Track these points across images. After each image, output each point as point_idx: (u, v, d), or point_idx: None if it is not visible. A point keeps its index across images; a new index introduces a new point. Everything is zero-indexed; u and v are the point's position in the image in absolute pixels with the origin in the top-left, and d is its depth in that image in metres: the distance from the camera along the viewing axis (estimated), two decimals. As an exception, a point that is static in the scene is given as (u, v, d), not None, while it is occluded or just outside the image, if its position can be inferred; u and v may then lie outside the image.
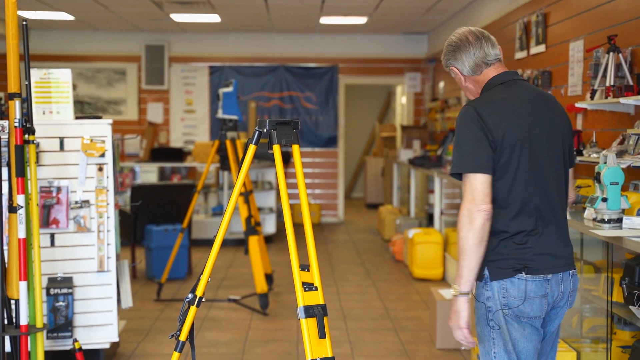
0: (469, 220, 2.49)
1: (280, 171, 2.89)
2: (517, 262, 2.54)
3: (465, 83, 2.74)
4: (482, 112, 2.54)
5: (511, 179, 2.55)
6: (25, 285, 3.73)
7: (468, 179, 2.51)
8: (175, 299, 6.66)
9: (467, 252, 2.51)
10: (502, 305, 2.56)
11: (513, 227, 2.55)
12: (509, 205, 2.55)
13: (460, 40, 2.70)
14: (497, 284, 2.56)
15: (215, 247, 2.88)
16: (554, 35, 6.01)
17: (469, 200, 2.50)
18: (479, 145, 2.51)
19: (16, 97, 3.68)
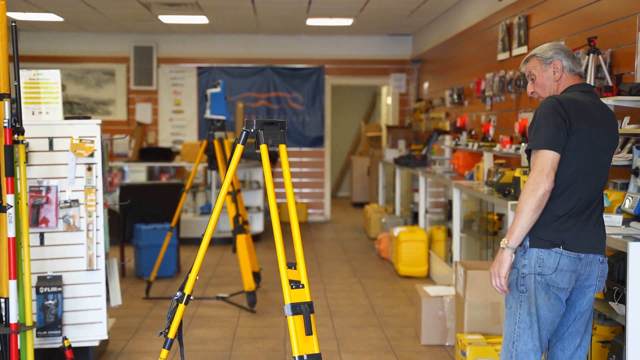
0: (532, 188, 2.81)
1: (267, 171, 2.89)
2: (557, 237, 2.86)
3: (555, 78, 3.05)
4: (564, 104, 2.88)
5: (571, 164, 2.88)
6: (15, 283, 3.71)
7: (540, 153, 2.83)
8: (164, 297, 6.64)
9: (524, 214, 2.82)
10: (535, 273, 2.87)
11: (561, 207, 2.87)
12: (562, 187, 2.87)
13: (564, 47, 3.11)
14: (535, 252, 2.87)
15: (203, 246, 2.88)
16: (535, 36, 6.04)
17: (537, 171, 2.81)
18: (557, 129, 2.83)
19: (5, 98, 3.66)
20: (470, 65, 8.19)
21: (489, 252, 6.07)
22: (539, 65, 3.10)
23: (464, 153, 7.49)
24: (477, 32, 7.89)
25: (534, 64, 3.12)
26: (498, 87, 6.74)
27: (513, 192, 5.06)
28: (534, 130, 2.90)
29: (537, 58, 3.10)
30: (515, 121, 6.26)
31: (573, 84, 3.08)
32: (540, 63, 3.10)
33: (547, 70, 3.08)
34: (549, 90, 3.09)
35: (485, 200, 6.03)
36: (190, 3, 8.71)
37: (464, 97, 8.34)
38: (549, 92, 3.09)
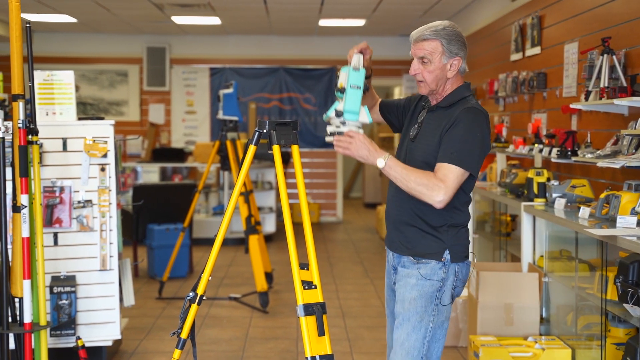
0: (429, 192, 2.66)
1: (279, 171, 2.89)
2: (466, 249, 2.85)
3: (447, 75, 2.81)
4: (487, 122, 2.79)
5: (474, 181, 2.84)
6: (29, 283, 3.73)
7: (460, 172, 2.70)
8: (177, 297, 6.66)
9: (407, 181, 2.68)
10: (453, 286, 2.82)
11: (466, 216, 2.85)
12: (467, 199, 2.84)
13: (464, 38, 2.87)
14: (454, 266, 2.80)
15: (216, 246, 2.88)
16: (549, 37, 6.02)
17: (449, 187, 2.67)
18: (482, 150, 2.75)
19: (20, 99, 3.68)
20: (483, 65, 8.16)
21: (501, 254, 6.05)
22: (440, 53, 2.79)
23: (476, 154, 7.45)
24: (490, 33, 7.86)
25: (435, 48, 2.79)
26: (511, 88, 6.71)
27: (526, 193, 5.04)
28: (462, 142, 2.70)
29: (442, 45, 2.78)
30: (528, 122, 6.24)
31: (460, 85, 2.86)
32: (442, 52, 2.79)
33: (445, 62, 2.80)
34: (435, 84, 2.82)
35: (498, 201, 6.01)
36: (203, 4, 8.73)
37: (476, 97, 8.31)
38: (434, 86, 2.83)
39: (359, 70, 2.80)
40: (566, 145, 4.96)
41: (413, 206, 2.80)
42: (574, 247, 4.38)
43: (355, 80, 2.79)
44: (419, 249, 2.81)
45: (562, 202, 4.62)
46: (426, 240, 2.80)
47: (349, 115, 2.78)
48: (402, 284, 2.84)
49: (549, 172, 5.04)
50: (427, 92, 2.87)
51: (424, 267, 2.80)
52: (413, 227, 2.82)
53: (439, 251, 2.79)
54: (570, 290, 4.40)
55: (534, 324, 4.61)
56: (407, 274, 2.83)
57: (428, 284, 2.79)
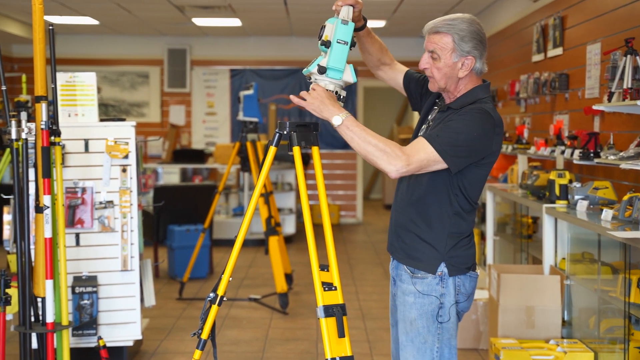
0: (387, 158, 2.50)
1: (300, 173, 2.89)
2: (470, 259, 2.69)
3: (459, 74, 2.63)
4: (496, 129, 2.59)
5: (482, 187, 2.70)
6: (52, 283, 3.76)
7: (432, 155, 2.51)
8: (197, 297, 6.69)
9: (367, 139, 2.55)
10: (454, 301, 2.66)
11: (469, 228, 2.70)
12: (471, 205, 2.68)
13: (484, 37, 2.65)
14: (453, 280, 2.65)
15: (236, 247, 2.89)
16: (571, 38, 5.97)
17: (411, 162, 2.50)
18: (471, 150, 2.56)
19: (43, 100, 3.71)
20: (504, 66, 8.11)
21: (522, 256, 6.01)
22: (451, 50, 2.60)
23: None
24: (511, 34, 7.81)
25: (446, 44, 2.60)
26: (532, 89, 6.67)
27: (548, 195, 5.00)
28: (453, 132, 2.53)
29: (453, 41, 2.59)
30: (550, 123, 6.19)
31: (477, 86, 2.66)
32: (453, 49, 2.60)
33: (456, 61, 2.61)
34: (445, 82, 2.63)
35: (520, 203, 5.97)
36: (224, 6, 8.77)
37: (497, 99, 8.27)
38: (443, 84, 2.64)
39: (347, 24, 2.63)
40: (588, 146, 4.91)
41: (414, 211, 2.67)
42: (597, 249, 4.34)
43: (342, 34, 2.62)
44: (414, 255, 2.66)
45: (585, 204, 4.58)
46: (422, 247, 2.65)
47: (332, 72, 2.63)
48: (401, 302, 2.71)
49: (571, 174, 5.00)
50: (436, 89, 2.69)
51: (420, 282, 2.65)
52: (411, 232, 2.68)
53: (433, 263, 2.63)
54: (593, 293, 4.36)
55: (555, 327, 4.57)
56: (404, 290, 2.69)
57: (426, 301, 2.64)
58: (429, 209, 2.65)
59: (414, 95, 2.91)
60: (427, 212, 2.65)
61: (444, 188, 2.63)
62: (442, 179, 2.63)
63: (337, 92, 2.70)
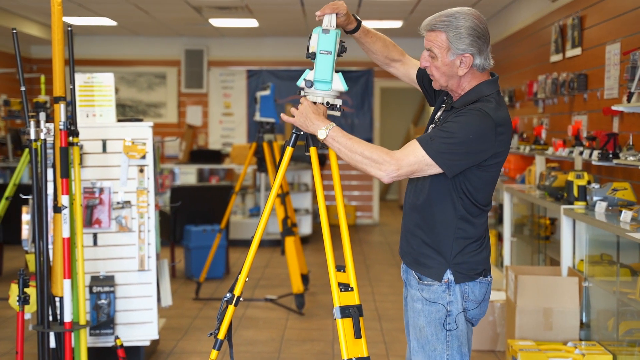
0: (377, 165, 2.48)
1: (316, 173, 2.88)
2: (479, 264, 2.60)
3: (459, 72, 2.55)
4: (498, 129, 2.49)
5: (491, 190, 2.62)
6: (69, 283, 3.79)
7: (424, 159, 2.46)
8: (214, 297, 6.71)
9: (354, 148, 2.53)
10: (463, 308, 2.59)
11: (478, 232, 2.61)
12: (482, 214, 2.61)
13: (483, 32, 2.53)
14: (460, 287, 2.58)
15: (252, 248, 2.89)
16: (590, 38, 5.93)
17: (401, 165, 2.46)
18: (467, 153, 2.48)
19: (61, 101, 3.74)
20: (521, 67, 8.07)
21: (540, 257, 5.98)
22: (446, 48, 2.52)
23: (515, 156, 7.38)
24: (529, 34, 7.77)
25: (441, 42, 2.53)
26: (551, 90, 6.63)
27: (566, 196, 4.97)
28: (449, 136, 2.46)
29: (447, 39, 2.51)
30: (568, 124, 6.15)
31: (482, 82, 2.57)
32: (448, 47, 2.52)
33: (453, 59, 2.53)
34: (446, 81, 2.57)
35: (537, 204, 5.94)
36: (241, 6, 8.79)
37: (515, 99, 8.22)
38: (444, 82, 2.58)
39: (329, 33, 2.57)
40: (607, 147, 4.87)
41: (419, 215, 2.62)
42: (615, 251, 4.31)
43: (325, 44, 2.57)
44: (420, 260, 2.62)
45: (603, 206, 4.55)
46: (427, 252, 2.60)
47: (320, 85, 2.61)
48: (410, 308, 2.68)
49: (590, 175, 4.97)
50: (438, 87, 2.64)
51: (426, 289, 2.60)
52: (417, 237, 2.63)
53: (438, 269, 2.57)
54: (612, 295, 4.33)
55: (573, 329, 4.54)
56: (412, 296, 2.65)
57: (434, 309, 2.59)
58: (434, 213, 2.59)
59: (428, 91, 2.85)
60: (431, 216, 2.59)
61: (447, 192, 2.56)
62: (445, 182, 2.55)
63: (329, 103, 2.68)
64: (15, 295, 3.82)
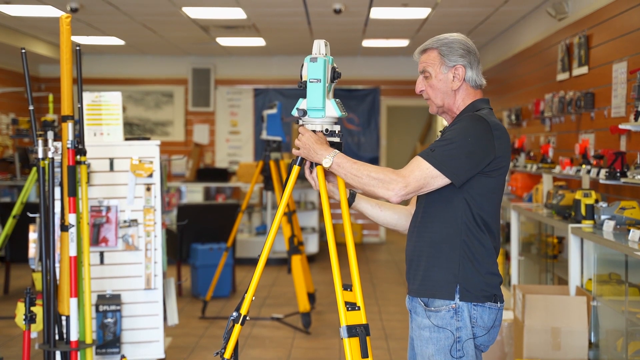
0: (384, 185, 2.47)
1: (323, 191, 2.88)
2: (490, 287, 2.57)
3: (453, 87, 2.61)
4: (495, 132, 2.52)
5: (496, 204, 2.59)
6: (76, 302, 3.79)
7: (429, 171, 2.48)
8: (220, 316, 6.69)
9: (360, 171, 2.52)
10: (471, 335, 2.56)
11: (487, 251, 2.57)
12: (488, 230, 2.56)
13: (472, 48, 2.65)
14: (467, 309, 2.55)
15: (259, 266, 2.89)
16: (596, 56, 5.94)
17: (409, 183, 2.46)
18: (469, 157, 2.49)
19: (69, 120, 3.76)
20: (528, 85, 8.08)
21: (548, 276, 5.95)
22: (439, 64, 2.61)
23: (522, 175, 7.37)
24: (535, 52, 7.79)
25: (433, 59, 2.62)
26: (557, 108, 6.63)
27: (574, 215, 4.96)
28: (448, 145, 2.48)
29: (439, 54, 2.61)
30: (575, 142, 6.15)
31: (477, 99, 2.63)
32: (441, 62, 2.61)
33: (446, 73, 2.61)
34: (442, 99, 2.62)
35: (545, 223, 5.92)
36: (248, 26, 8.84)
37: (522, 118, 8.23)
38: (440, 101, 2.63)
39: (317, 61, 2.58)
40: (615, 166, 4.87)
41: (423, 235, 2.62)
42: (624, 270, 4.28)
43: (314, 72, 2.58)
44: (427, 283, 2.59)
45: (611, 225, 4.53)
46: (434, 270, 2.57)
47: (313, 112, 2.62)
48: (417, 336, 2.64)
49: (597, 194, 4.96)
50: (435, 110, 2.67)
51: (434, 315, 2.57)
52: (422, 257, 2.61)
53: (447, 287, 2.54)
54: (620, 314, 4.30)
55: (582, 349, 4.51)
56: (419, 324, 2.62)
57: (442, 336, 2.56)
58: (438, 230, 2.58)
59: None
60: (436, 234, 2.58)
61: (450, 206, 2.55)
62: (448, 195, 2.55)
63: (328, 129, 2.69)
64: (21, 313, 3.82)
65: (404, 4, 7.57)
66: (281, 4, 7.67)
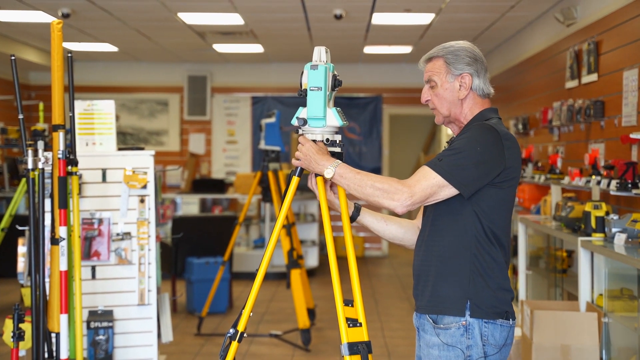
0: (389, 195, 2.47)
1: (323, 203, 2.88)
2: (502, 304, 2.57)
3: (459, 96, 2.62)
4: (505, 142, 2.52)
5: (507, 217, 2.58)
6: (66, 318, 3.77)
7: (436, 181, 2.48)
8: (216, 333, 6.67)
9: (363, 181, 2.52)
10: (483, 353, 2.55)
11: (498, 265, 2.57)
12: (498, 243, 2.56)
13: (479, 55, 2.68)
14: (478, 326, 2.54)
15: (257, 281, 2.88)
16: (606, 63, 5.95)
17: (414, 192, 2.46)
18: (478, 167, 2.49)
19: (60, 129, 3.75)
20: (536, 93, 8.09)
21: (557, 291, 5.94)
22: (445, 72, 2.63)
23: (529, 186, 7.37)
24: (543, 59, 7.80)
25: (439, 68, 2.64)
26: (566, 117, 6.64)
27: (583, 228, 4.95)
28: (457, 154, 2.49)
29: (445, 62, 2.64)
30: (585, 152, 6.15)
31: (485, 109, 2.64)
32: (447, 70, 2.63)
33: (452, 82, 2.63)
34: (448, 108, 2.64)
35: (553, 236, 5.92)
36: (245, 32, 8.86)
37: (529, 127, 8.23)
38: (446, 111, 2.64)
39: (317, 68, 2.61)
40: (626, 177, 4.87)
41: (430, 248, 2.61)
42: (636, 285, 4.28)
43: (314, 80, 2.60)
44: (435, 299, 2.58)
45: (623, 238, 4.53)
46: (443, 285, 2.56)
47: (314, 122, 2.64)
48: (425, 354, 2.63)
49: (608, 206, 4.95)
50: (441, 120, 2.68)
51: (443, 333, 2.55)
52: (430, 272, 2.60)
53: (457, 300, 2.52)
54: (632, 331, 4.29)
55: (593, 367, 4.50)
56: (427, 342, 2.61)
57: (452, 354, 2.54)
58: (446, 244, 2.57)
59: None
60: (444, 248, 2.57)
61: (459, 218, 2.55)
62: (457, 208, 2.54)
63: (328, 139, 2.70)
64: (9, 330, 3.81)
65: (406, 10, 7.60)
66: (280, 10, 7.69)
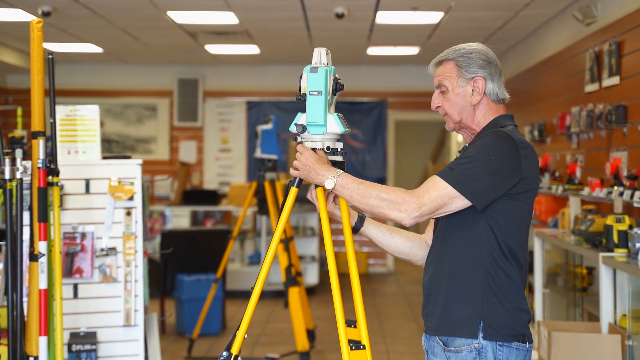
0: (395, 206, 2.46)
1: (324, 216, 2.88)
2: (517, 325, 2.56)
3: (472, 101, 2.62)
4: (522, 151, 2.52)
5: (524, 231, 2.57)
6: (46, 340, 3.76)
7: (447, 191, 2.47)
8: (208, 356, 6.66)
9: (367, 192, 2.51)
10: None
11: (513, 284, 2.55)
12: (514, 259, 2.54)
13: (493, 58, 2.68)
14: (491, 349, 2.53)
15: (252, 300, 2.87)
16: (629, 65, 5.96)
17: (423, 203, 2.45)
18: (493, 177, 2.48)
19: (40, 136, 3.75)
20: (553, 97, 8.11)
21: (576, 312, 5.93)
22: (456, 76, 2.63)
23: (546, 197, 7.37)
24: (560, 61, 7.82)
25: (450, 72, 2.65)
26: (586, 123, 6.65)
27: (605, 243, 4.95)
28: (469, 163, 2.49)
29: (456, 66, 2.64)
30: (606, 161, 6.15)
31: (500, 115, 2.64)
32: (458, 74, 2.64)
33: (464, 86, 2.63)
34: (459, 114, 2.64)
35: (572, 252, 5.91)
36: (240, 32, 8.88)
37: (546, 133, 8.24)
38: (458, 117, 2.64)
39: (317, 71, 2.61)
40: (650, 187, 4.87)
41: (441, 265, 2.60)
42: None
43: (314, 84, 2.60)
44: (445, 319, 2.57)
45: (647, 253, 4.52)
46: (454, 305, 2.55)
47: (313, 128, 2.64)
48: None
49: (631, 219, 4.95)
50: (452, 127, 2.69)
51: (454, 356, 2.54)
52: (441, 291, 2.59)
53: (470, 321, 2.51)
54: (658, 354, 4.28)
55: (616, 394, 4.48)
56: None
57: None
58: (458, 260, 2.56)
59: None
60: (456, 264, 2.56)
61: (472, 232, 2.54)
62: (470, 221, 2.53)
63: (329, 147, 2.70)
64: (-16, 354, 3.80)
65: (413, 8, 7.62)
66: (277, 8, 7.72)
